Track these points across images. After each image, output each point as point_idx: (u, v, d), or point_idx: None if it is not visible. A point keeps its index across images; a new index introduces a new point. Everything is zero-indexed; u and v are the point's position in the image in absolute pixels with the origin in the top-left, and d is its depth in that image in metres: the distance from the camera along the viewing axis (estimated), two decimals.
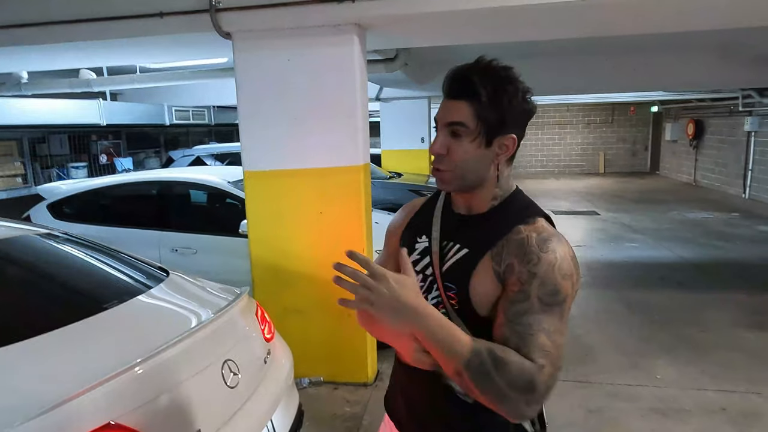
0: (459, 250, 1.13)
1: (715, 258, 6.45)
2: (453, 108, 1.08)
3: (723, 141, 12.28)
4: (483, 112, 1.05)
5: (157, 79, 5.92)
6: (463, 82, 1.07)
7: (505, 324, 1.00)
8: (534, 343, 0.96)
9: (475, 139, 1.07)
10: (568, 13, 2.93)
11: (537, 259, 1.01)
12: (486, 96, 1.04)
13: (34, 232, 2.36)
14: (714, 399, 3.14)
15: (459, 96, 1.07)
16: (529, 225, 1.08)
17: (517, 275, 1.02)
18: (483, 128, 1.06)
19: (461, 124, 1.07)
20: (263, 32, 3.08)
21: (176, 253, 4.15)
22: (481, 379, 0.93)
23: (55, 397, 1.31)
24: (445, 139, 1.09)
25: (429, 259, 1.17)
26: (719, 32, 5.23)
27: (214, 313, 1.93)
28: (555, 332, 0.98)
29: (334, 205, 3.20)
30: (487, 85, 1.05)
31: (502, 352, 0.95)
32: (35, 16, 3.25)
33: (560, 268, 1.01)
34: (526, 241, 1.05)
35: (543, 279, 1.00)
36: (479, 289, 1.07)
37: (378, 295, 0.92)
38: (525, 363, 0.94)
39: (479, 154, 1.09)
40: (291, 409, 2.20)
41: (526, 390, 0.93)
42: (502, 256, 1.05)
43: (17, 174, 7.92)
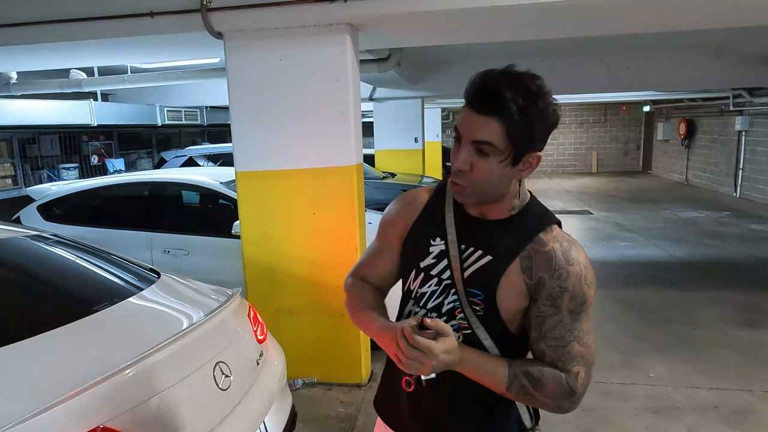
0: (482, 256, 1.12)
1: (707, 256, 6.49)
2: (481, 124, 1.00)
3: (714, 140, 12.37)
4: (514, 130, 0.99)
5: (149, 80, 5.88)
6: (493, 97, 0.98)
7: (540, 340, 1.10)
8: (568, 354, 1.07)
9: (504, 159, 1.03)
10: (561, 13, 2.94)
11: (566, 274, 1.07)
12: (518, 114, 0.97)
13: (23, 233, 2.33)
14: (707, 397, 3.15)
15: (488, 112, 0.99)
16: (549, 234, 1.11)
17: (548, 290, 1.07)
18: (512, 147, 1.01)
19: (490, 144, 1.00)
20: (255, 32, 3.06)
21: (168, 254, 4.12)
22: (523, 396, 1.08)
23: (44, 400, 1.29)
24: (470, 155, 1.03)
25: (446, 262, 1.15)
26: (712, 32, 5.27)
27: (205, 314, 1.91)
28: (585, 335, 1.09)
29: (327, 205, 3.19)
30: (519, 101, 0.97)
31: (538, 372, 1.07)
32: (23, 15, 3.22)
33: (585, 278, 1.08)
34: (553, 255, 1.08)
35: (572, 292, 1.07)
36: (506, 298, 1.10)
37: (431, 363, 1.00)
38: (561, 377, 1.07)
39: (504, 173, 1.05)
40: (284, 411, 2.19)
41: (567, 396, 1.07)
42: (532, 269, 1.09)
43: (7, 175, 7.85)
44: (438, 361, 0.99)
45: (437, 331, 1.01)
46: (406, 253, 1.24)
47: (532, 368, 1.07)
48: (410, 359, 0.99)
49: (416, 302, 1.21)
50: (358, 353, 3.36)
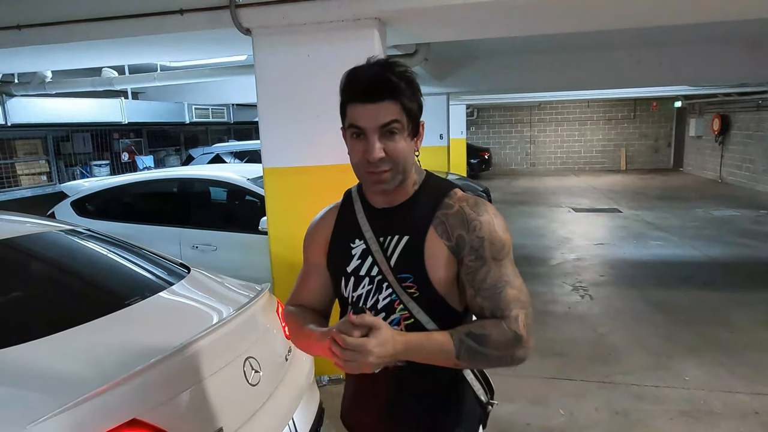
0: (400, 239, 1.17)
1: (742, 257, 6.27)
2: (382, 110, 1.08)
3: (750, 136, 11.96)
4: (407, 106, 1.10)
5: (178, 77, 5.96)
6: (385, 84, 1.08)
7: (476, 294, 1.13)
8: (504, 299, 1.11)
9: (408, 133, 1.12)
10: (595, 4, 2.86)
11: (480, 224, 1.13)
12: (406, 91, 1.09)
13: (58, 228, 2.38)
14: (746, 402, 3.04)
15: (384, 97, 1.08)
16: (453, 197, 1.17)
17: (468, 244, 1.12)
18: (411, 121, 1.12)
19: (396, 121, 1.09)
20: (283, 28, 3.06)
21: (196, 249, 4.17)
22: (475, 359, 1.09)
23: (79, 393, 1.31)
24: (381, 141, 1.10)
25: (371, 259, 1.19)
26: (747, 24, 5.07)
27: (235, 310, 1.92)
28: (514, 278, 1.14)
29: None
30: (402, 80, 1.09)
31: (479, 328, 1.10)
32: (58, 14, 3.29)
33: (498, 224, 1.14)
34: (462, 211, 1.14)
35: (490, 239, 1.13)
36: (435, 269, 1.14)
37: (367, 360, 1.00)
38: (502, 324, 1.09)
39: (410, 146, 1.14)
40: (312, 408, 2.18)
41: (514, 343, 1.09)
42: (449, 232, 1.14)
43: (42, 172, 8.06)
44: (375, 356, 1.00)
45: (367, 326, 1.02)
46: (331, 265, 1.28)
47: (472, 327, 1.10)
48: (348, 360, 1.01)
49: (354, 306, 1.21)
50: None
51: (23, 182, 7.76)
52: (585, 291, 5.10)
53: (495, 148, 17.60)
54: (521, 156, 17.93)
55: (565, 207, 10.07)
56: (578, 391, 3.20)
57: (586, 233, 7.68)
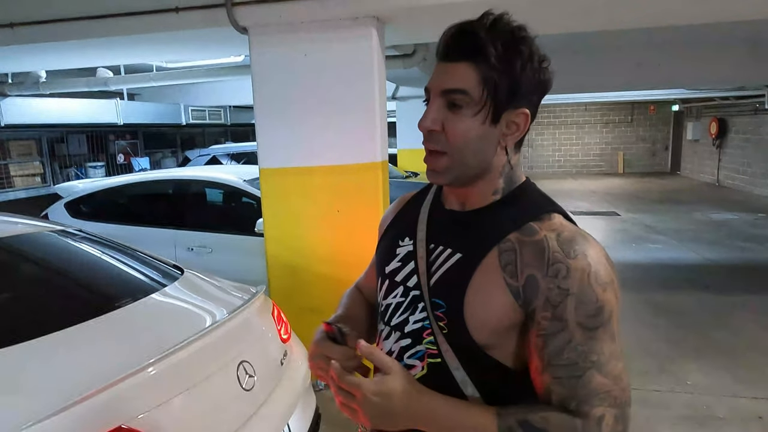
0: (451, 255, 0.88)
1: (742, 260, 6.25)
2: (452, 71, 0.82)
3: (747, 140, 11.97)
4: (491, 77, 0.80)
5: (174, 77, 5.91)
6: (467, 39, 0.81)
7: (544, 370, 0.80)
8: (584, 388, 0.77)
9: (480, 111, 0.82)
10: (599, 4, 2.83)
11: (566, 270, 0.79)
12: (495, 57, 0.80)
13: (49, 229, 2.32)
14: (749, 406, 2.99)
15: (461, 57, 0.82)
16: (544, 222, 0.84)
17: (544, 294, 0.79)
18: (490, 98, 0.81)
19: (462, 91, 0.81)
20: (280, 26, 3.01)
21: (192, 251, 4.11)
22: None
23: (64, 399, 1.25)
24: (440, 111, 0.84)
25: (413, 265, 0.93)
26: (747, 26, 5.06)
27: (229, 312, 1.86)
28: (610, 360, 0.78)
29: (351, 203, 3.12)
30: (497, 43, 0.80)
31: (541, 422, 0.77)
32: (52, 13, 3.23)
33: (597, 275, 0.79)
34: (545, 244, 0.81)
35: (579, 296, 0.78)
36: (480, 308, 0.83)
37: (360, 408, 0.80)
38: (575, 425, 0.76)
39: (484, 133, 0.84)
40: (308, 412, 2.13)
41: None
42: (517, 266, 0.82)
43: (36, 173, 8.00)
44: (370, 407, 0.78)
45: (375, 364, 0.82)
46: (376, 259, 1.06)
47: (531, 416, 0.78)
48: (341, 402, 0.82)
49: (381, 317, 0.99)
50: None
51: (17, 183, 7.70)
52: None
53: None
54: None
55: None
56: None
57: None
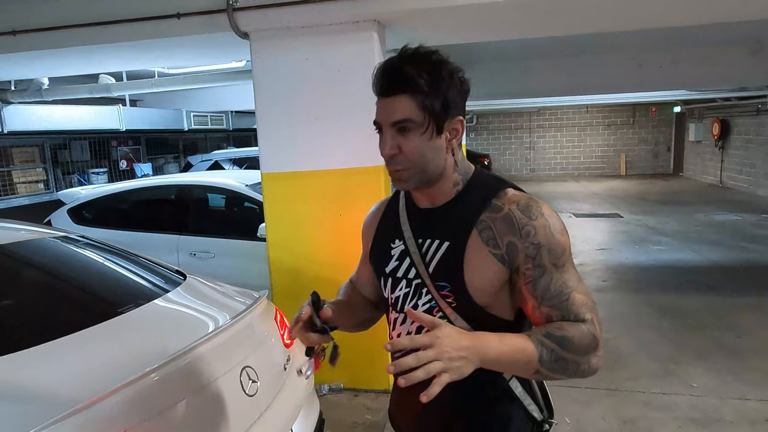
0: (440, 245, 1.08)
1: (746, 261, 6.21)
2: (394, 105, 1.01)
3: (750, 141, 11.93)
4: (426, 101, 1.00)
5: (176, 83, 5.92)
6: (398, 76, 1.00)
7: (539, 305, 1.02)
8: (573, 305, 1.00)
9: (426, 130, 1.01)
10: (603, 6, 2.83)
11: (534, 230, 1.01)
12: (426, 84, 0.99)
13: (51, 235, 2.32)
14: (756, 409, 2.97)
15: (397, 91, 1.00)
16: (502, 198, 1.06)
17: (523, 252, 1.01)
18: (430, 118, 1.01)
19: (407, 120, 1.00)
20: (281, 31, 3.02)
21: (194, 257, 4.11)
22: (557, 366, 0.96)
23: (67, 405, 1.24)
24: (394, 138, 1.03)
25: (409, 260, 1.12)
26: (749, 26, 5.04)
27: (231, 317, 1.86)
28: (578, 283, 1.03)
29: (354, 206, 3.12)
30: (422, 73, 0.99)
31: (559, 330, 0.97)
32: (54, 20, 3.25)
33: (554, 227, 1.03)
34: (512, 215, 1.03)
35: (548, 246, 1.01)
36: (478, 279, 1.04)
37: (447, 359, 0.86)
38: (581, 326, 0.98)
39: (433, 144, 1.03)
40: (312, 418, 2.12)
41: (593, 347, 0.98)
42: (496, 238, 1.03)
43: (39, 180, 8.02)
44: (448, 341, 0.87)
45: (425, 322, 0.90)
46: (373, 262, 1.24)
47: (550, 328, 0.98)
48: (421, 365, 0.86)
49: (393, 308, 1.18)
50: (385, 358, 3.27)
51: (20, 190, 7.72)
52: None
53: (494, 154, 17.56)
54: (521, 162, 17.90)
55: (566, 212, 10.01)
56: (584, 398, 3.13)
57: (587, 238, 7.62)
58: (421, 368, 0.85)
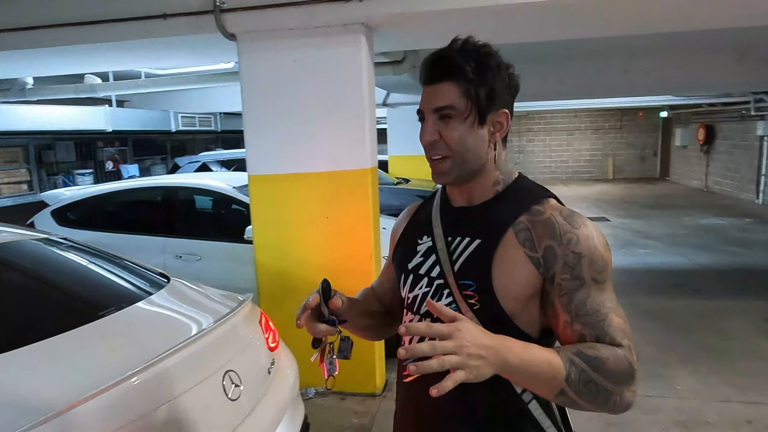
0: (470, 242, 1.02)
1: (731, 264, 6.29)
2: (438, 92, 0.99)
3: (735, 146, 12.10)
4: (471, 89, 0.98)
5: (163, 84, 5.88)
6: (444, 63, 0.99)
7: (572, 321, 0.94)
8: (610, 327, 0.92)
9: (467, 118, 0.99)
10: (590, 11, 2.85)
11: (576, 238, 0.95)
12: (471, 72, 0.97)
13: (32, 237, 2.28)
14: (739, 411, 3.00)
15: (442, 78, 0.99)
16: (544, 204, 1.01)
17: (562, 260, 0.95)
18: (474, 106, 0.99)
19: (450, 107, 0.98)
20: (269, 33, 3.01)
21: (180, 259, 4.07)
22: (585, 390, 0.87)
23: (45, 409, 1.22)
24: (435, 124, 1.00)
25: (435, 257, 1.06)
26: (733, 34, 5.12)
27: (215, 320, 1.84)
28: (617, 306, 0.95)
29: (341, 209, 3.11)
30: (469, 61, 0.97)
31: (592, 350, 0.89)
32: (38, 19, 3.21)
33: (598, 240, 0.97)
34: (554, 221, 0.97)
35: (590, 257, 0.95)
36: (507, 279, 0.96)
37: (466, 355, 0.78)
38: (617, 351, 0.90)
39: (475, 134, 1.00)
40: (296, 421, 2.10)
41: (628, 378, 0.90)
42: (533, 240, 0.97)
43: (23, 180, 7.91)
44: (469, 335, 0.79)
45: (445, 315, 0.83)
46: (396, 260, 1.19)
47: (582, 347, 0.89)
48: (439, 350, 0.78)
49: (409, 309, 1.11)
50: (372, 362, 3.27)
51: (3, 191, 7.61)
52: None
53: None
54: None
55: None
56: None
57: None
58: (436, 359, 0.77)
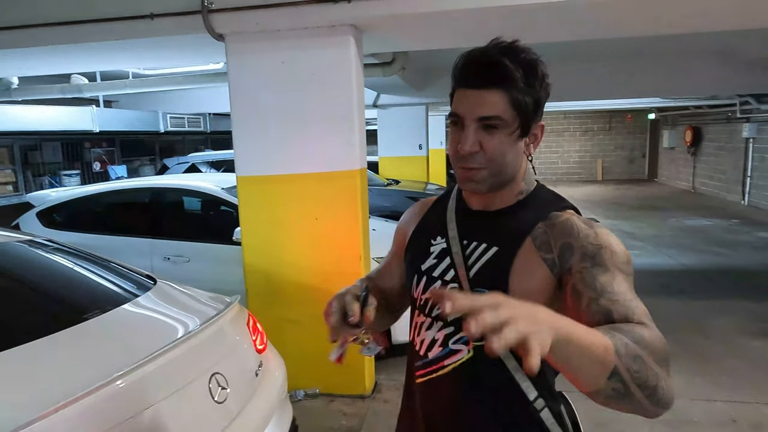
0: (487, 249, 0.99)
1: (717, 265, 6.37)
2: (485, 99, 0.93)
3: (721, 148, 12.26)
4: (519, 99, 0.93)
5: (150, 84, 5.83)
6: (495, 67, 0.91)
7: (599, 297, 0.85)
8: (639, 309, 0.85)
9: (514, 131, 0.95)
10: (578, 14, 2.87)
11: (595, 234, 0.93)
12: (522, 81, 0.92)
13: (17, 239, 2.26)
14: (723, 410, 3.04)
15: (490, 85, 0.92)
16: (563, 211, 1.00)
17: (580, 251, 0.91)
18: (520, 118, 0.94)
19: (497, 117, 0.93)
20: (257, 34, 3.00)
21: (168, 261, 4.04)
22: (635, 367, 0.74)
23: (26, 415, 1.20)
24: (477, 134, 0.94)
25: (449, 260, 1.03)
26: (718, 36, 5.18)
27: (201, 322, 1.83)
28: (640, 302, 0.88)
29: (330, 210, 3.11)
30: (520, 69, 0.92)
31: (627, 326, 0.80)
32: (22, 17, 3.16)
33: (617, 241, 0.94)
34: (572, 222, 0.96)
35: (611, 248, 0.91)
36: (523, 289, 0.93)
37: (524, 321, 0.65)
38: (653, 329, 0.81)
39: (516, 147, 0.97)
40: (284, 424, 2.09)
41: (667, 358, 0.80)
42: (550, 242, 0.94)
43: (8, 182, 7.80)
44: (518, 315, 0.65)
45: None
46: (408, 259, 1.15)
47: (616, 326, 0.80)
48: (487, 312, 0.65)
49: (421, 310, 1.09)
50: (362, 363, 3.26)
51: None
52: None
53: None
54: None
55: None
56: None
57: None
58: (510, 328, 0.63)
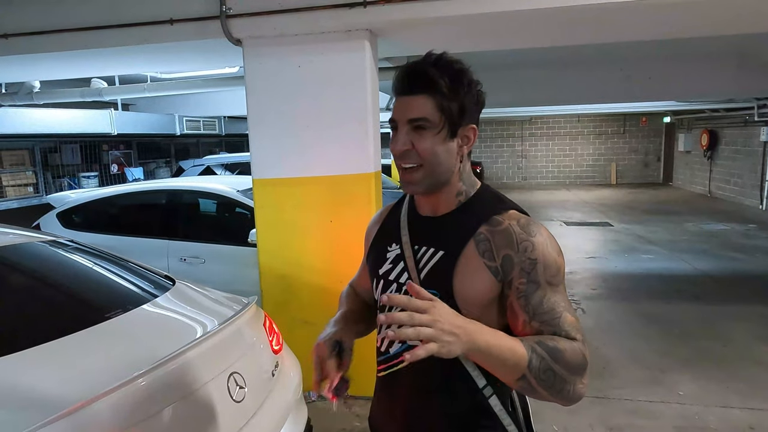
0: (434, 253, 1.09)
1: (733, 270, 6.29)
2: (413, 104, 1.04)
3: (738, 151, 12.09)
4: (444, 103, 1.03)
5: (168, 88, 5.92)
6: (420, 76, 1.04)
7: (530, 320, 1.01)
8: (565, 323, 1.00)
9: (440, 131, 1.05)
10: (592, 17, 2.87)
11: (532, 246, 1.03)
12: (446, 87, 1.03)
13: (39, 239, 2.31)
14: (741, 417, 3.00)
15: (417, 91, 1.04)
16: (504, 214, 1.07)
17: (519, 266, 1.02)
18: (446, 120, 1.04)
19: (424, 119, 1.04)
20: (274, 38, 3.04)
21: (185, 262, 4.10)
22: (544, 377, 0.94)
23: (52, 410, 1.24)
24: (408, 135, 1.05)
25: (403, 265, 1.13)
26: (735, 40, 5.14)
27: (220, 323, 1.86)
28: (569, 305, 1.04)
29: (344, 213, 3.13)
30: (444, 76, 1.03)
31: (551, 340, 0.97)
32: (46, 23, 3.25)
33: (552, 246, 1.04)
34: (512, 231, 1.04)
35: (544, 262, 1.02)
36: (467, 288, 1.04)
37: (440, 329, 0.87)
38: (573, 343, 0.98)
39: (445, 146, 1.06)
40: (299, 424, 2.12)
41: (582, 368, 0.97)
42: (493, 251, 1.04)
43: (29, 183, 7.96)
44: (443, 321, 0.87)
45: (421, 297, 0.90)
46: (369, 263, 1.26)
47: (542, 338, 0.97)
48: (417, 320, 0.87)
49: (381, 311, 1.16)
50: (375, 365, 3.27)
51: (9, 194, 7.66)
52: (577, 304, 5.07)
53: (487, 162, 17.66)
54: (513, 170, 18.01)
55: (557, 220, 10.08)
56: (572, 406, 3.14)
57: (577, 247, 7.67)
58: (413, 328, 0.85)
